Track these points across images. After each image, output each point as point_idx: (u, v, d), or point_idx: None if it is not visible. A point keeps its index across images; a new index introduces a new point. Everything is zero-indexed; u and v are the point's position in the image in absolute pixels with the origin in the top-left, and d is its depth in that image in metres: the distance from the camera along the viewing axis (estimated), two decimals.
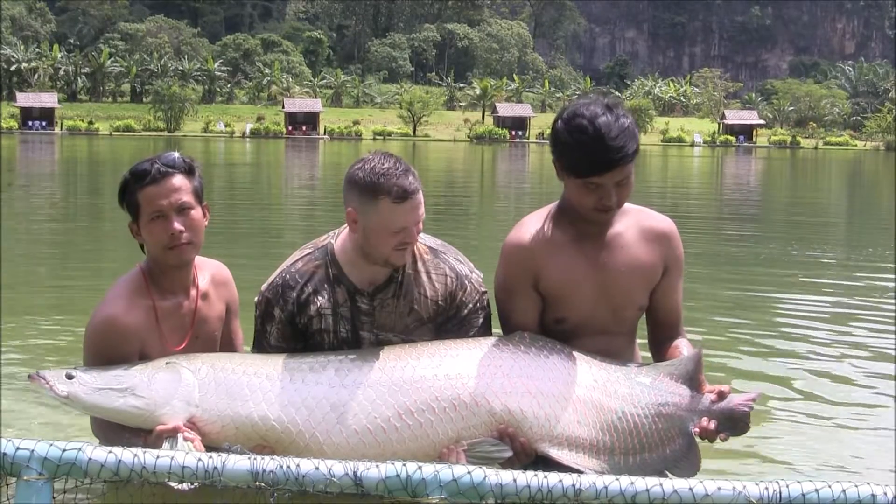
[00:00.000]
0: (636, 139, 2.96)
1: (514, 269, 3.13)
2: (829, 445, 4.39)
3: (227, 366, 2.94)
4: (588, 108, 2.97)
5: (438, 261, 3.15)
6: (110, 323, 3.04)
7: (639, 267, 3.15)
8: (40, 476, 1.92)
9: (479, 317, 3.17)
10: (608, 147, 2.88)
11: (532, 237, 3.12)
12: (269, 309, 3.12)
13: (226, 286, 3.36)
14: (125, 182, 3.11)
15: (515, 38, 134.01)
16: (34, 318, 6.73)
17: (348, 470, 1.98)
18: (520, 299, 3.14)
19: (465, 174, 36.40)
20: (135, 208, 3.09)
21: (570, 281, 3.10)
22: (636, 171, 3.09)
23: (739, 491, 1.93)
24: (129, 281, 3.16)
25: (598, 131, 2.89)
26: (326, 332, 3.09)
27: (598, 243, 3.12)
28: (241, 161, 42.43)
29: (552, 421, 2.83)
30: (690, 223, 15.98)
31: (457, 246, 3.34)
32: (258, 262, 9.98)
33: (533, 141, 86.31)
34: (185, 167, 3.11)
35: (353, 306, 3.08)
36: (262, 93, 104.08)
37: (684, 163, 51.72)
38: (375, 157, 2.98)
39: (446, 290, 3.13)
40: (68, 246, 11.82)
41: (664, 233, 3.20)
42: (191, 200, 3.09)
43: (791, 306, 8.04)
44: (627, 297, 3.18)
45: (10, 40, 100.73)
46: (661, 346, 3.30)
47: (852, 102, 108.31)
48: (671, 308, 3.27)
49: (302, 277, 3.10)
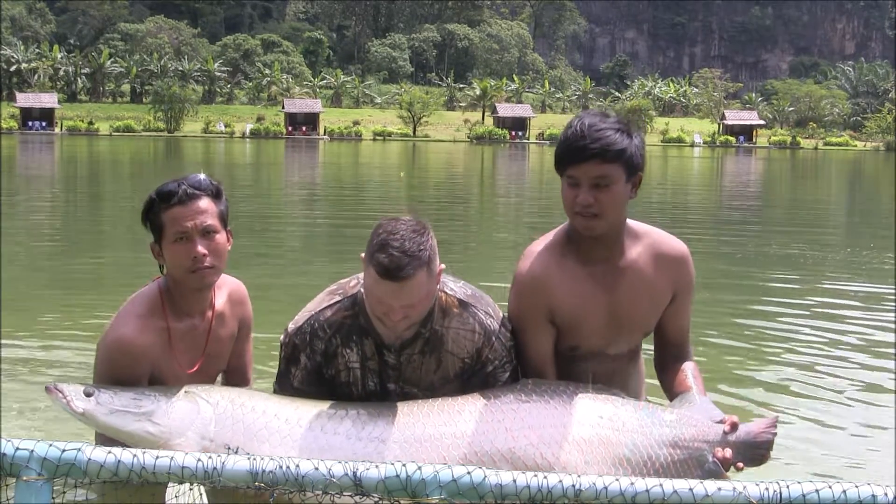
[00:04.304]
0: (621, 145, 2.94)
1: (527, 303, 3.10)
2: (829, 445, 4.39)
3: (247, 403, 2.92)
4: (589, 113, 3.06)
5: (467, 315, 3.04)
6: (123, 344, 3.00)
7: (649, 293, 3.14)
8: (40, 476, 1.91)
9: (504, 372, 3.10)
10: (583, 136, 2.93)
11: (544, 270, 3.09)
12: (295, 353, 3.06)
13: (242, 305, 3.32)
14: (150, 202, 3.05)
15: (515, 38, 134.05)
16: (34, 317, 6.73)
17: (348, 470, 1.98)
18: (535, 332, 3.12)
19: (464, 174, 36.39)
20: (158, 229, 3.03)
21: (584, 312, 3.10)
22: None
23: (739, 491, 1.92)
24: (144, 300, 3.10)
25: (583, 126, 2.96)
26: (354, 385, 3.05)
27: (610, 270, 3.11)
28: (241, 161, 42.42)
29: (558, 467, 2.84)
30: (691, 223, 15.99)
31: (457, 245, 3.34)
32: (257, 260, 10.00)
33: (533, 141, 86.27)
34: (212, 190, 3.06)
35: (381, 360, 3.03)
36: (262, 93, 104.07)
37: (684, 163, 51.70)
38: (400, 224, 2.83)
39: (473, 346, 3.04)
40: (69, 241, 11.82)
41: (676, 257, 3.18)
42: (216, 224, 3.04)
43: (791, 306, 8.04)
44: (637, 322, 3.20)
45: (10, 40, 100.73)
46: (667, 366, 3.29)
47: (852, 103, 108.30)
48: (679, 329, 3.27)
49: (331, 328, 3.02)
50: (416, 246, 2.78)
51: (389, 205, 20.21)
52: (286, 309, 7.36)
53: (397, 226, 2.81)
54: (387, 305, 2.82)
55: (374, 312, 2.89)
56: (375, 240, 2.80)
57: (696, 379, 3.21)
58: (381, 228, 2.83)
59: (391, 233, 2.79)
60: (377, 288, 2.80)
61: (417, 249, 2.77)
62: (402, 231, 2.79)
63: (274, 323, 3.94)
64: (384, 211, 12.89)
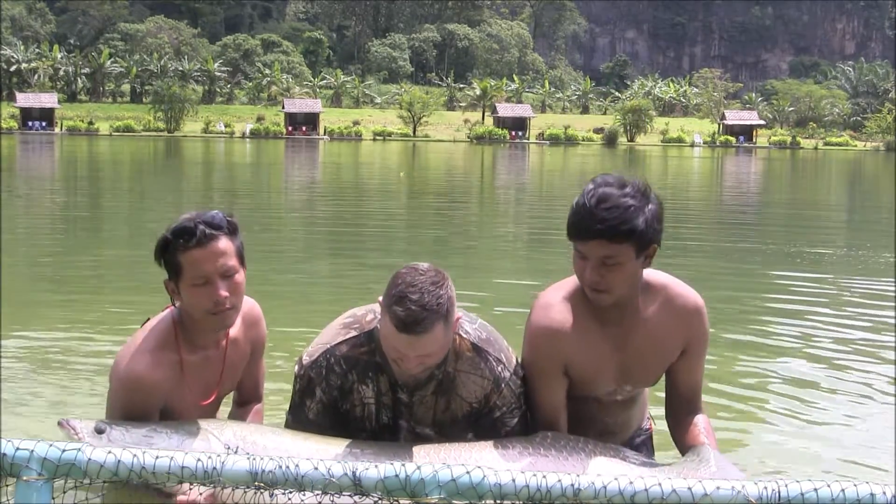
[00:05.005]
0: (630, 224, 2.83)
1: (542, 355, 3.09)
2: (828, 444, 4.39)
3: (258, 441, 2.92)
4: (607, 177, 2.93)
5: (479, 360, 3.05)
6: (135, 380, 2.98)
7: (661, 349, 3.14)
8: (40, 476, 1.91)
9: (513, 418, 3.10)
10: (592, 213, 2.84)
11: (559, 323, 3.06)
12: (310, 386, 3.05)
13: (256, 326, 3.27)
14: (165, 242, 2.96)
15: (515, 38, 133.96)
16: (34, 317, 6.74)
17: (347, 470, 1.97)
18: (547, 383, 3.11)
19: (464, 173, 36.38)
20: (176, 270, 2.96)
21: (596, 367, 3.10)
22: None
23: (738, 490, 1.92)
24: (158, 333, 3.05)
25: (594, 197, 2.85)
26: (368, 419, 3.06)
27: (623, 323, 3.09)
28: (241, 161, 42.41)
29: None
30: (690, 222, 15.98)
31: (457, 246, 3.33)
32: (255, 257, 9.94)
33: (533, 141, 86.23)
34: (228, 227, 2.99)
35: (394, 396, 3.05)
36: (261, 93, 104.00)
37: (684, 163, 51.69)
38: (418, 276, 2.80)
39: (482, 392, 3.06)
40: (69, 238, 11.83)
41: (689, 311, 3.13)
42: (236, 264, 2.99)
43: (791, 306, 8.04)
44: (647, 375, 3.22)
45: (10, 40, 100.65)
46: (679, 419, 3.27)
47: (852, 103, 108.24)
48: (690, 385, 3.24)
49: (347, 363, 3.02)
50: (434, 299, 2.77)
51: (389, 205, 20.22)
52: (286, 307, 7.36)
53: (416, 277, 2.79)
54: (403, 354, 2.83)
55: (389, 356, 2.89)
56: (394, 290, 2.78)
57: (709, 434, 3.20)
58: (399, 279, 2.81)
59: (410, 284, 2.77)
60: (394, 338, 2.80)
61: (436, 303, 2.77)
62: (421, 283, 2.78)
63: (274, 323, 3.94)
64: (384, 210, 12.89)
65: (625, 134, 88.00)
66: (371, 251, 11.54)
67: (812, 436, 4.56)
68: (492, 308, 7.35)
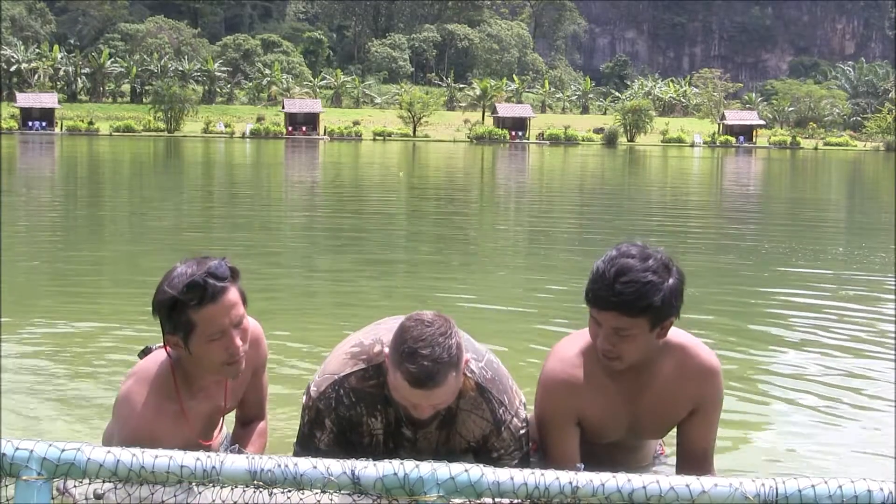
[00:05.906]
0: (647, 300, 2.83)
1: (555, 406, 3.12)
2: (827, 443, 4.39)
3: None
4: (631, 247, 2.93)
5: (481, 401, 3.05)
6: (139, 437, 2.84)
7: (670, 405, 3.16)
8: (39, 476, 1.92)
9: (512, 459, 3.10)
10: (609, 285, 2.85)
11: (573, 375, 3.09)
12: (319, 418, 3.06)
13: (257, 347, 3.20)
14: (173, 301, 2.84)
15: (515, 38, 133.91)
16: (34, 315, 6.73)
17: (346, 469, 1.97)
18: (561, 433, 3.14)
19: (464, 172, 36.36)
20: (187, 327, 2.87)
21: (608, 420, 3.14)
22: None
23: (736, 488, 1.92)
24: (156, 385, 2.97)
25: (613, 268, 2.86)
26: (375, 448, 3.08)
27: (636, 379, 3.11)
28: (241, 161, 42.41)
29: None
30: (690, 222, 15.98)
31: (457, 247, 3.33)
32: (255, 257, 10.00)
33: (533, 141, 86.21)
34: (232, 275, 2.91)
35: (398, 430, 3.08)
36: (262, 93, 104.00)
37: (684, 163, 51.68)
38: (426, 329, 2.77)
39: (480, 433, 3.07)
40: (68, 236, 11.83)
41: (703, 373, 3.14)
42: (244, 311, 2.95)
43: (790, 306, 8.04)
44: (656, 428, 3.26)
45: (10, 41, 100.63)
46: None
47: (852, 103, 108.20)
48: (700, 444, 3.24)
49: (356, 395, 3.03)
50: (445, 352, 2.74)
51: (389, 204, 20.22)
52: (285, 307, 7.35)
53: (423, 330, 2.76)
54: (416, 404, 2.83)
55: (401, 403, 2.90)
56: (403, 347, 2.75)
57: None
58: (406, 333, 2.77)
59: (418, 339, 2.74)
60: (407, 392, 2.79)
61: (447, 355, 2.75)
62: (430, 336, 2.75)
63: (273, 323, 3.94)
64: (384, 210, 12.92)
65: (625, 134, 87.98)
66: (371, 251, 11.55)
67: (811, 434, 4.56)
68: (491, 306, 7.35)
